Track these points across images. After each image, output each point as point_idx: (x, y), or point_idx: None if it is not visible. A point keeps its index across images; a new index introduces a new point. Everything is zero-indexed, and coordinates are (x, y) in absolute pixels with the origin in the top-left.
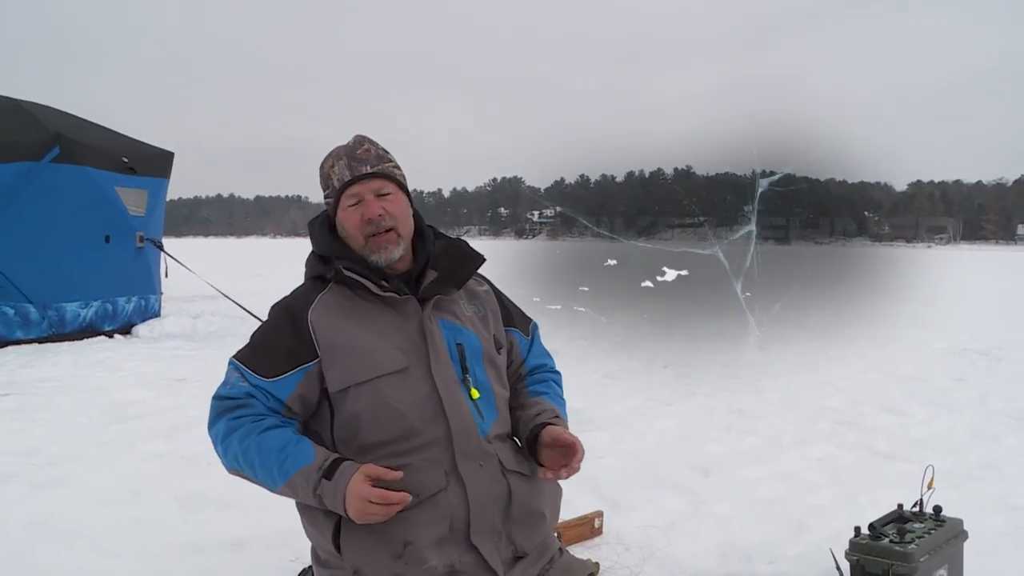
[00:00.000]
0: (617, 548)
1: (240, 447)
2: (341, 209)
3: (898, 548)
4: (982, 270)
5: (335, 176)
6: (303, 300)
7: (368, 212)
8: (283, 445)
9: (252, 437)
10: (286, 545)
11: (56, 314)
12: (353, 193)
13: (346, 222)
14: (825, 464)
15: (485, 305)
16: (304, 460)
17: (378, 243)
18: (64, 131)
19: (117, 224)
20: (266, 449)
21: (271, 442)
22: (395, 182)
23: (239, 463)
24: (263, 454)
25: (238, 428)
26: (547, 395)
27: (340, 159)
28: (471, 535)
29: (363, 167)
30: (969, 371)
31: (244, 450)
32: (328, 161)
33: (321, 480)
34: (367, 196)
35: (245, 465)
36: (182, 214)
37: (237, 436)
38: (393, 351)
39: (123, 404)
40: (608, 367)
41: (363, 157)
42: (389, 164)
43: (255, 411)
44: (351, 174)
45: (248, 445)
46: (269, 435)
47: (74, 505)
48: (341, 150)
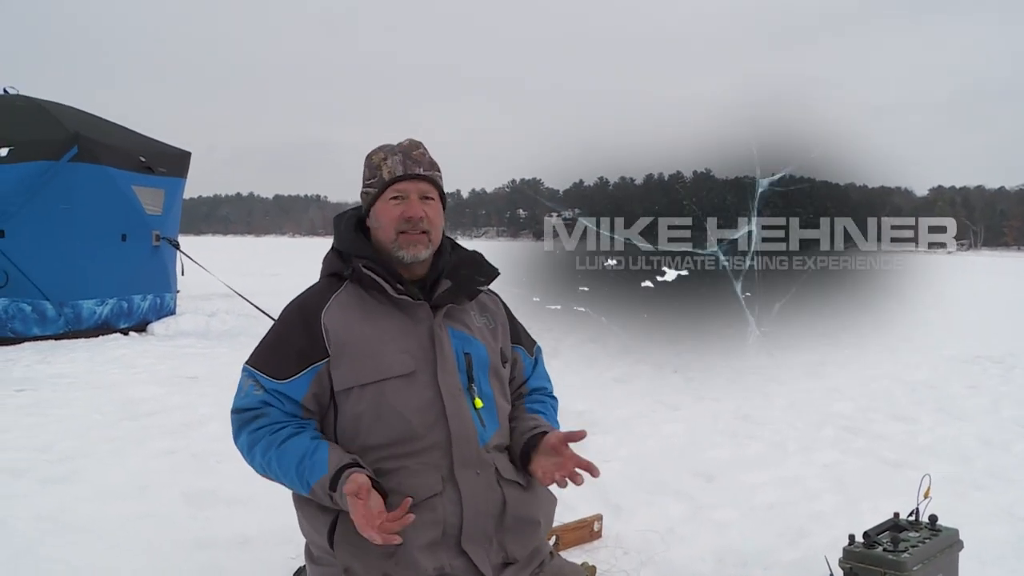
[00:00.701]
0: (615, 552)
1: (263, 460)
2: (382, 201)
3: (891, 557)
4: (998, 277)
5: (386, 168)
6: (317, 299)
7: (411, 211)
8: (300, 457)
9: (272, 451)
10: (291, 542)
11: (72, 311)
12: (400, 189)
13: (384, 215)
14: (829, 471)
15: (495, 318)
16: (319, 471)
17: (409, 240)
18: (83, 131)
19: (134, 223)
20: (286, 463)
21: (289, 455)
22: (439, 191)
23: (267, 474)
24: (284, 467)
25: (259, 441)
26: (544, 415)
27: (395, 154)
28: (462, 541)
29: (417, 168)
30: (982, 378)
31: (267, 463)
32: (380, 153)
33: (330, 493)
34: (413, 196)
35: (272, 475)
36: (201, 212)
37: (259, 449)
38: (401, 354)
39: (136, 401)
40: (616, 370)
41: (418, 159)
42: (437, 173)
43: (272, 420)
44: (404, 170)
45: (269, 459)
46: (287, 446)
47: (84, 500)
48: (396, 147)
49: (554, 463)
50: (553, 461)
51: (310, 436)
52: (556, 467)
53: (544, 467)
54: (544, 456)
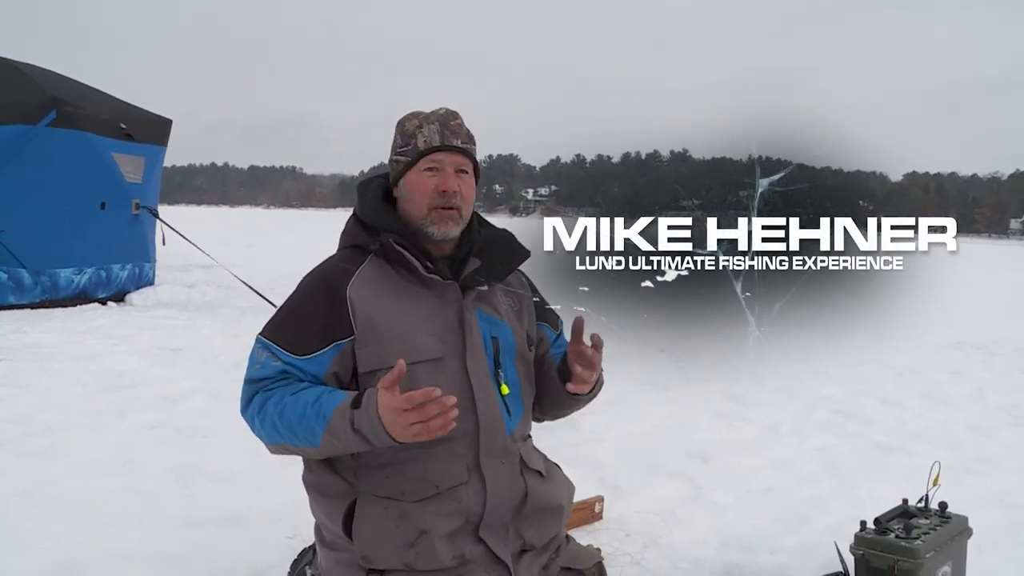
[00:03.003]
0: (617, 534)
1: (276, 410)
2: (415, 171)
3: (904, 544)
4: (975, 264)
5: (421, 137)
6: (342, 272)
7: (446, 184)
8: (318, 396)
9: (287, 398)
10: (283, 521)
11: (49, 280)
12: (436, 159)
13: (416, 186)
14: (823, 454)
15: (521, 300)
16: (337, 399)
17: (442, 216)
18: (61, 95)
19: (113, 191)
20: (301, 402)
21: (306, 396)
22: (474, 165)
23: (278, 429)
24: (299, 408)
25: (272, 396)
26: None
27: (432, 123)
28: (480, 529)
29: (455, 139)
30: (965, 364)
31: (280, 412)
32: (414, 120)
33: (353, 412)
34: (448, 168)
35: (284, 429)
36: (175, 181)
37: (272, 402)
38: (429, 337)
39: (116, 372)
40: (604, 350)
41: (456, 129)
42: (474, 147)
43: (289, 382)
44: (441, 140)
45: (284, 406)
46: (303, 392)
47: (67, 475)
48: (432, 115)
49: (579, 364)
50: (579, 365)
51: (327, 389)
52: (578, 361)
53: (576, 375)
54: (577, 366)
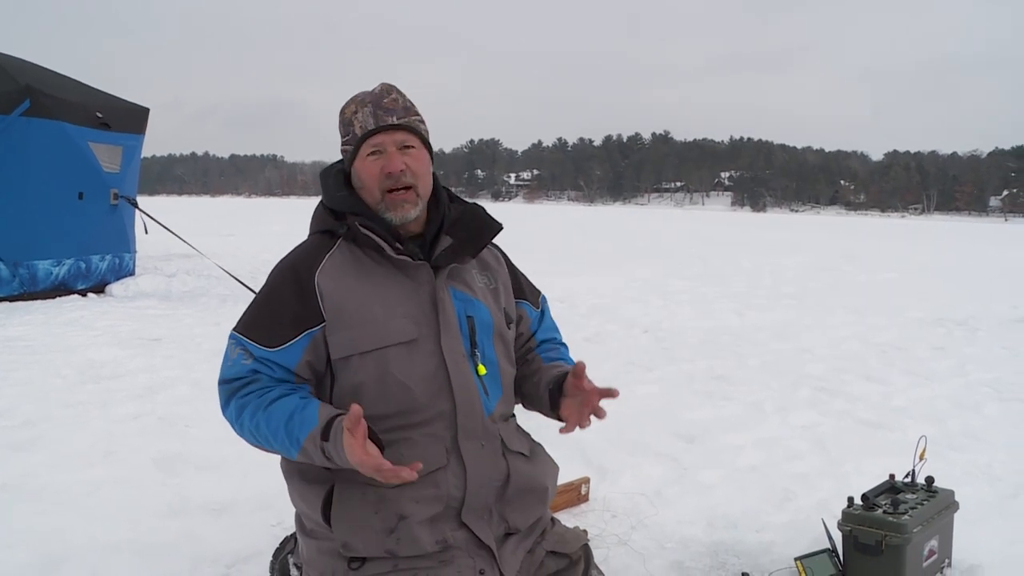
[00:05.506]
0: (604, 515)
1: (252, 424)
2: (359, 159)
3: (892, 519)
4: (956, 241)
5: (357, 123)
6: (310, 259)
7: (389, 165)
8: (289, 415)
9: (260, 413)
10: (269, 508)
11: (27, 272)
12: (375, 143)
13: (363, 173)
14: (809, 431)
15: (496, 276)
16: (309, 425)
17: (395, 200)
18: (35, 84)
19: (91, 181)
20: (274, 422)
21: (278, 414)
22: (419, 137)
23: (256, 439)
24: (272, 427)
25: (247, 406)
26: (563, 360)
27: (365, 106)
28: (463, 513)
29: (389, 117)
30: (947, 340)
31: (256, 427)
32: (350, 106)
33: (323, 444)
34: (390, 148)
35: (263, 441)
36: (155, 171)
37: (247, 414)
38: (402, 320)
39: (97, 364)
40: (587, 331)
41: (390, 107)
42: (415, 118)
43: (261, 385)
44: (375, 123)
45: (258, 422)
46: (275, 407)
47: (49, 467)
48: (366, 96)
49: (579, 402)
50: (579, 400)
51: (300, 396)
52: (582, 406)
53: (571, 409)
54: (571, 398)
